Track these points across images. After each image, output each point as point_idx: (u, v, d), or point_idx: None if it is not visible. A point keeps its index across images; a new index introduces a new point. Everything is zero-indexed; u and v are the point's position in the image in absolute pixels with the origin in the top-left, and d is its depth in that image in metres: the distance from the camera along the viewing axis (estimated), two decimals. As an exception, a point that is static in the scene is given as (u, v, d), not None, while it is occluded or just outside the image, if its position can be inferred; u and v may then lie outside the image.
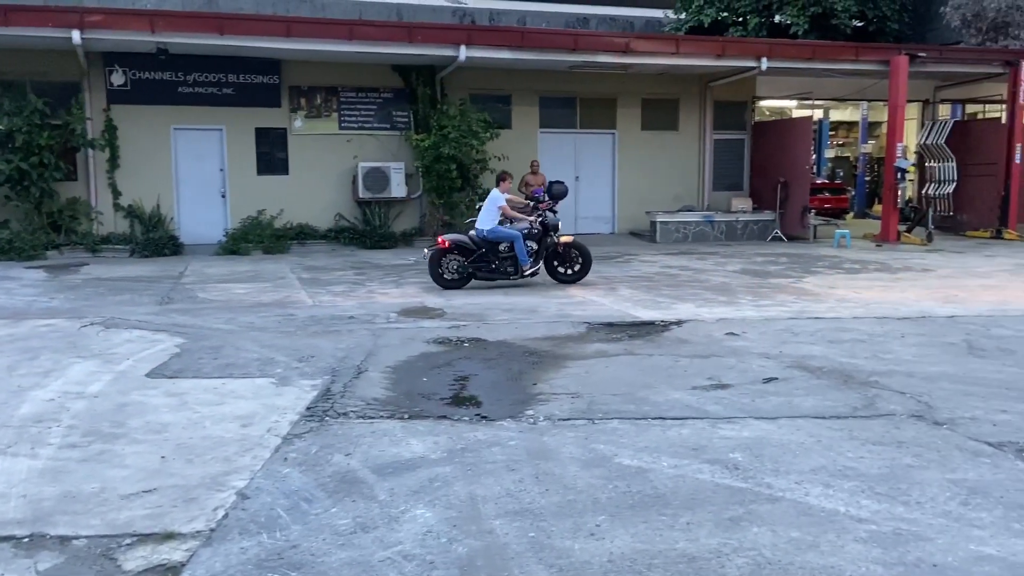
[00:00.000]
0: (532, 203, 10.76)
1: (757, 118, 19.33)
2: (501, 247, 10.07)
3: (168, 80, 14.65)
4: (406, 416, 4.85)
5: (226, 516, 3.45)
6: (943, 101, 19.69)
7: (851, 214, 21.81)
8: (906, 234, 16.12)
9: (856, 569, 2.96)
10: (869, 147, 23.51)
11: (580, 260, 10.46)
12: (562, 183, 15.78)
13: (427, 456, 4.14)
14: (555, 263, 10.43)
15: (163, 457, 4.19)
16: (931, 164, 18.06)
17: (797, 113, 20.88)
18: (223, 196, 15.21)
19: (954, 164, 17.33)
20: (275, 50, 13.93)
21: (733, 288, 10.14)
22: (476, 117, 15.06)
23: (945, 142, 17.41)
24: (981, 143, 17.19)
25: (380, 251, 14.87)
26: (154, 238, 14.27)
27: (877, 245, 15.61)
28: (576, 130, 17.21)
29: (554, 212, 15.69)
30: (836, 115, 24.80)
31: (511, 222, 10.23)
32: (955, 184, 17.32)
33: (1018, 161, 16.40)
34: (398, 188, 15.24)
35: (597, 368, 6.11)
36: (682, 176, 17.80)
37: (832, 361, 6.21)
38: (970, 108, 20.57)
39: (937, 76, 17.86)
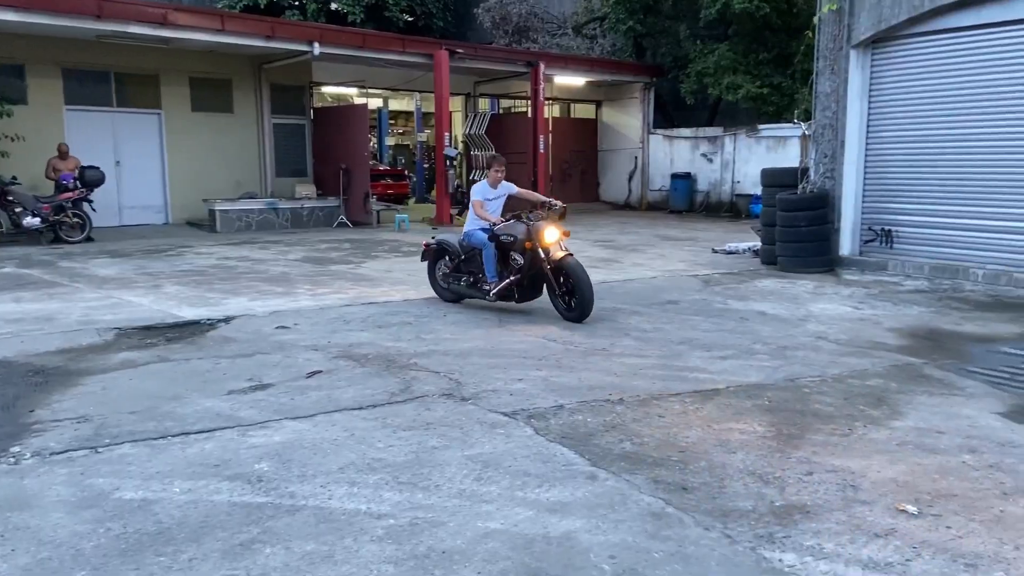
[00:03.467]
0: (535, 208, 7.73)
1: (318, 104, 19.23)
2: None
3: None
4: None
5: None
6: (482, 95, 21.69)
7: (413, 199, 23.00)
8: (458, 216, 17.43)
9: (368, 574, 2.83)
10: (425, 136, 25.01)
11: (572, 286, 7.12)
12: (97, 168, 14.00)
13: None
14: (555, 290, 7.24)
15: None
16: (475, 152, 19.82)
17: (358, 101, 21.29)
18: None
19: (494, 153, 19.24)
20: None
21: (292, 278, 9.83)
22: (-24, 89, 12.45)
23: (485, 133, 19.23)
24: (514, 134, 19.35)
25: None
26: None
27: (434, 228, 16.60)
28: (113, 109, 15.27)
29: (90, 202, 13.88)
30: (395, 104, 25.89)
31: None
32: (495, 170, 19.25)
33: (542, 151, 18.80)
34: None
35: (119, 382, 5.31)
36: (242, 162, 16.94)
37: (378, 347, 6.24)
38: (505, 103, 23.00)
39: (475, 72, 19.56)
